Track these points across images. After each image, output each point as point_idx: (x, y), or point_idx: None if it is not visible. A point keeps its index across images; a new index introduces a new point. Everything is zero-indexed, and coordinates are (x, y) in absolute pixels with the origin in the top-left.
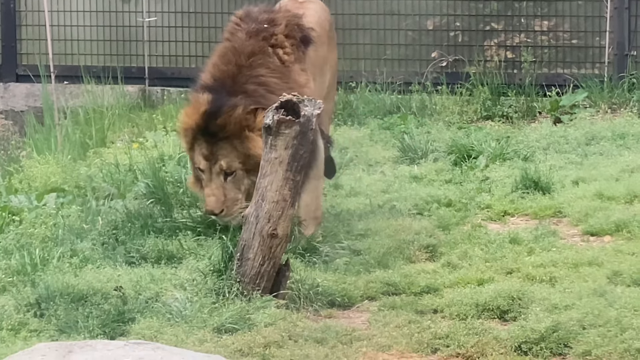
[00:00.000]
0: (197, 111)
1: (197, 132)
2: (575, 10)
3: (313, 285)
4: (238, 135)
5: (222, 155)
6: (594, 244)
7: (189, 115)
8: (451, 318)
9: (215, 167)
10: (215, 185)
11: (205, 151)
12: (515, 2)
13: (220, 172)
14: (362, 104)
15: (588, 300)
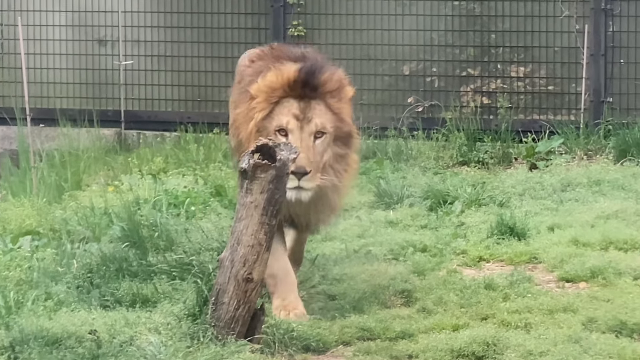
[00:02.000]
0: (288, 70)
1: (288, 90)
2: (552, 56)
3: (288, 330)
4: (337, 95)
5: (317, 114)
6: (569, 290)
7: (278, 75)
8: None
9: (309, 126)
10: (305, 144)
11: (296, 111)
12: (492, 48)
13: (311, 133)
14: None
15: (563, 347)
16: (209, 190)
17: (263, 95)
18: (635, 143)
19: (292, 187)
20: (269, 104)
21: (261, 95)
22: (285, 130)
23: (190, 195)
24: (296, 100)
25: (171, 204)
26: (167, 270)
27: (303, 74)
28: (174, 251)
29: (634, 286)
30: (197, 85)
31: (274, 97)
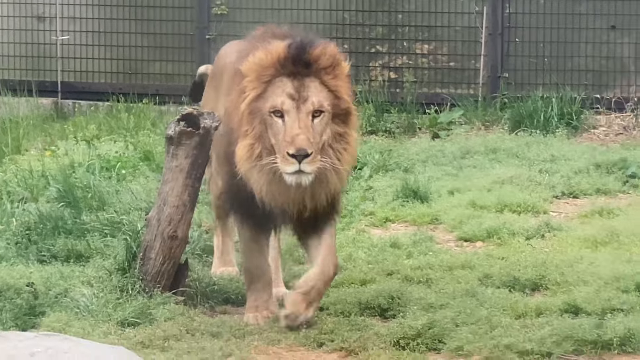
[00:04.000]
0: (277, 47)
1: (279, 69)
2: (453, 35)
3: (209, 284)
4: (331, 71)
5: (312, 93)
6: (467, 248)
7: (267, 53)
8: (336, 315)
9: (306, 105)
10: (304, 124)
11: (290, 90)
12: (399, 27)
13: (309, 112)
14: None
15: (461, 300)
16: (138, 155)
17: (253, 75)
18: (528, 115)
19: (292, 171)
20: (260, 83)
21: (252, 74)
22: (280, 112)
23: (121, 159)
24: (289, 78)
25: (103, 167)
26: (99, 228)
27: (293, 49)
28: (106, 211)
29: (526, 245)
30: (127, 59)
31: (265, 75)
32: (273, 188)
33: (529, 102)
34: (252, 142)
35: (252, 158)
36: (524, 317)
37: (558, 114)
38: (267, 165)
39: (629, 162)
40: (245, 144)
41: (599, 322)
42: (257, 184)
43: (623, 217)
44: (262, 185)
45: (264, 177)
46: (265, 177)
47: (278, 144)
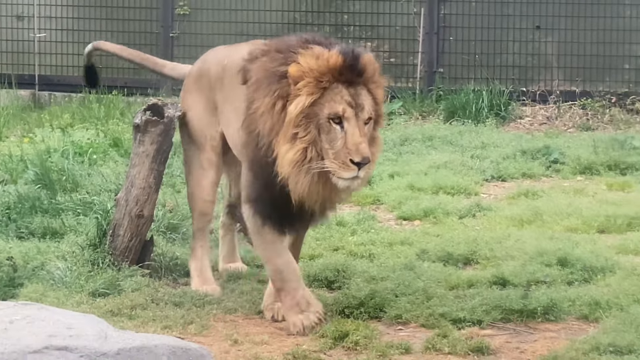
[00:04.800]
0: (330, 55)
1: (336, 76)
2: (394, 34)
3: (173, 258)
4: (375, 80)
5: (365, 101)
6: (406, 226)
7: (321, 58)
8: None
9: (363, 113)
10: (363, 132)
11: (348, 98)
12: (344, 26)
13: (364, 120)
14: None
15: (400, 273)
16: (108, 141)
17: (310, 79)
18: (461, 106)
19: (349, 177)
20: (318, 88)
21: (308, 78)
22: (340, 118)
23: (93, 145)
24: (344, 86)
25: (77, 153)
26: (72, 208)
27: (350, 58)
28: (79, 192)
29: (459, 224)
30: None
31: (323, 82)
32: (313, 189)
33: (462, 95)
34: (306, 146)
35: (304, 162)
36: (457, 288)
37: (488, 106)
38: (316, 169)
39: (551, 149)
40: (297, 147)
41: (524, 293)
42: (300, 186)
43: (546, 198)
44: (305, 187)
45: (308, 180)
46: (310, 179)
47: (334, 149)
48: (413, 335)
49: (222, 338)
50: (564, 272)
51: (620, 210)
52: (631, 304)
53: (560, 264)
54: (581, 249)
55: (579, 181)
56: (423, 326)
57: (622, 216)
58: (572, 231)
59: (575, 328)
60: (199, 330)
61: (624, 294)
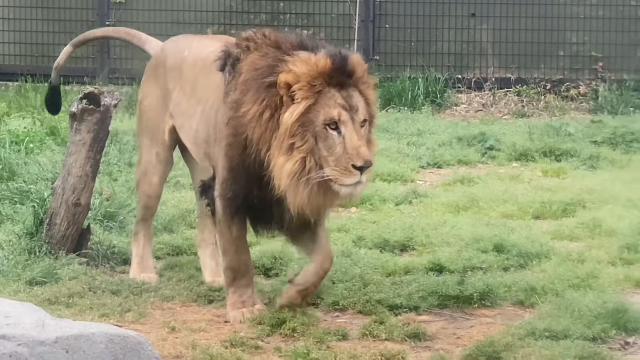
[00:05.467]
0: (319, 59)
1: (327, 80)
2: (330, 22)
3: (110, 246)
4: (365, 80)
5: (359, 103)
6: (343, 214)
7: (309, 63)
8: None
9: (358, 115)
10: (360, 135)
11: (341, 101)
12: (281, 14)
13: (360, 122)
14: None
15: (337, 260)
16: (45, 130)
17: (304, 84)
18: (397, 93)
19: (352, 182)
20: (313, 93)
21: (301, 83)
22: (336, 123)
23: (29, 134)
24: (336, 89)
25: (13, 141)
26: (9, 197)
27: (338, 60)
28: (15, 181)
29: (395, 210)
30: (35, 43)
31: (316, 86)
32: (314, 199)
33: (398, 82)
34: (304, 156)
35: (303, 172)
36: (394, 275)
37: (424, 93)
38: (316, 179)
39: (487, 135)
40: (296, 158)
41: (460, 279)
42: (300, 198)
43: (482, 185)
44: (305, 198)
45: (307, 191)
46: (309, 190)
47: (333, 156)
48: (350, 321)
49: (159, 325)
50: (500, 258)
51: (556, 197)
52: (566, 289)
53: (496, 250)
54: (517, 235)
55: (515, 168)
56: (360, 313)
57: (557, 202)
58: (507, 217)
59: (511, 313)
60: (136, 318)
61: (559, 280)
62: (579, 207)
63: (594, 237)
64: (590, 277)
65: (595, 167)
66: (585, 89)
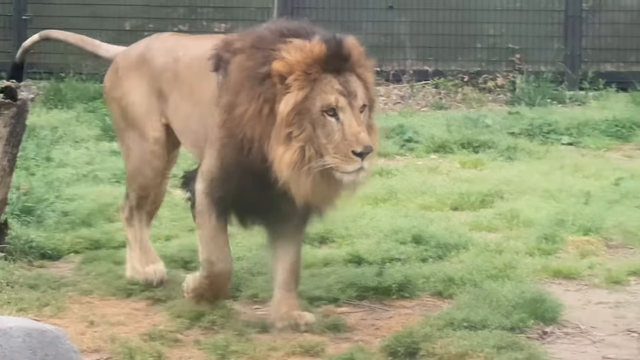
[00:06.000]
0: (313, 45)
1: (323, 66)
2: (248, 15)
3: (27, 241)
4: (362, 63)
5: (357, 88)
6: None
7: (304, 50)
8: None
9: (357, 100)
10: (359, 121)
11: (339, 86)
12: (198, 8)
13: (359, 108)
14: (70, 91)
15: (256, 253)
16: None
17: (299, 73)
18: None
19: (353, 169)
20: (308, 82)
21: (297, 72)
22: (333, 110)
23: None
24: (333, 75)
25: None
26: None
27: (333, 45)
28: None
29: None
30: None
31: (312, 74)
32: (317, 189)
33: None
34: (303, 145)
35: (304, 162)
36: (313, 267)
37: None
38: (317, 168)
39: (405, 127)
40: (294, 148)
41: (379, 270)
42: (303, 188)
43: (400, 177)
44: (308, 188)
45: (310, 181)
46: (312, 180)
47: (333, 143)
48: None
49: (78, 320)
50: (419, 250)
51: (474, 188)
52: (484, 280)
53: (414, 241)
54: (435, 226)
55: (433, 159)
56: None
57: (475, 193)
58: (426, 209)
59: (429, 304)
60: (54, 312)
61: (477, 270)
62: (496, 198)
63: (512, 228)
64: (508, 267)
65: (513, 158)
66: (503, 80)
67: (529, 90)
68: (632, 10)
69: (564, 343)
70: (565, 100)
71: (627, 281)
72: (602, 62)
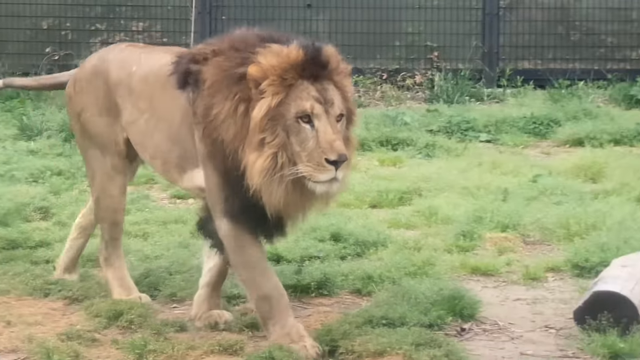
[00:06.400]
0: (290, 50)
1: (300, 72)
2: (166, 14)
3: None
4: (340, 71)
5: (334, 96)
6: (180, 205)
7: (281, 55)
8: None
9: (333, 108)
10: (335, 129)
11: (315, 93)
12: (116, 7)
13: (335, 116)
14: None
15: (174, 252)
16: None
17: (274, 78)
18: None
19: (327, 179)
20: (283, 87)
21: (271, 77)
22: (308, 117)
23: None
24: (309, 82)
25: None
26: None
27: (311, 51)
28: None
29: None
30: None
31: (287, 79)
32: (290, 199)
33: None
34: (275, 151)
35: (276, 169)
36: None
37: None
38: (290, 176)
39: None
40: (266, 154)
41: (298, 268)
42: (275, 197)
43: None
44: (279, 197)
45: (282, 189)
46: (284, 189)
47: (306, 151)
48: (188, 313)
49: None
50: (337, 247)
51: (392, 185)
52: (403, 277)
53: (333, 239)
54: (354, 224)
55: None
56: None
57: (394, 191)
58: (345, 206)
59: (348, 302)
60: None
61: (396, 267)
62: (415, 196)
63: (430, 225)
64: (426, 264)
65: (431, 155)
66: (421, 78)
67: (447, 87)
68: (549, 8)
69: (482, 339)
70: (483, 97)
71: (544, 277)
72: (519, 60)
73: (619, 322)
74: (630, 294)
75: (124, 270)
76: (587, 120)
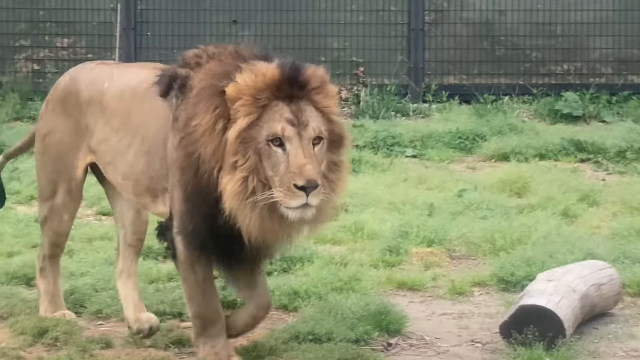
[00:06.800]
0: (268, 69)
1: (275, 92)
2: (91, 30)
3: None
4: (322, 91)
5: (310, 117)
6: (105, 222)
7: (258, 74)
8: None
9: (307, 131)
10: (308, 153)
11: (288, 115)
12: (40, 22)
13: (310, 139)
14: None
15: (100, 268)
16: None
17: (247, 98)
18: None
19: (297, 205)
20: (256, 107)
21: (245, 97)
22: (280, 139)
23: None
24: (284, 103)
25: None
26: None
27: (288, 70)
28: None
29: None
30: None
31: (261, 99)
32: (267, 225)
33: None
34: (246, 175)
35: (246, 194)
36: (157, 282)
37: None
38: (263, 201)
39: None
40: (237, 177)
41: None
42: (249, 221)
43: None
44: (254, 223)
45: (257, 214)
46: (259, 213)
47: (278, 176)
48: (114, 329)
49: None
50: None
51: None
52: (329, 292)
53: None
54: None
55: None
56: (124, 321)
57: None
58: None
59: (275, 318)
60: None
61: (322, 283)
62: (341, 211)
63: (357, 240)
64: (353, 279)
65: (357, 171)
66: (347, 94)
67: (373, 103)
68: (473, 23)
69: (408, 354)
70: (409, 113)
71: (470, 292)
72: (445, 75)
73: (545, 336)
74: (555, 307)
75: (57, 286)
76: (513, 135)
